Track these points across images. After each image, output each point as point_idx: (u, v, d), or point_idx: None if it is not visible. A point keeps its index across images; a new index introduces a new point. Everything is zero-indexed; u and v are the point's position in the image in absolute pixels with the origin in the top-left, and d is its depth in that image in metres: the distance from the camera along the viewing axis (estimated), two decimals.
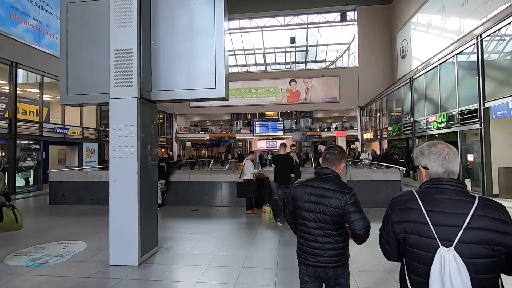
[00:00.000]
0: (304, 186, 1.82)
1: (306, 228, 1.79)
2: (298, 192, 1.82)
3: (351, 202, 1.65)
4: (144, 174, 3.76)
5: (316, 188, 1.76)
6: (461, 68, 10.19)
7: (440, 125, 10.68)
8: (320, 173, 1.82)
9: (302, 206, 1.79)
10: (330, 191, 1.71)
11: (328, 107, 23.57)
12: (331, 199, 1.69)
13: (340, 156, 1.85)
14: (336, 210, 1.67)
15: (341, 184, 1.74)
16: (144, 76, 3.82)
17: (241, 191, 6.35)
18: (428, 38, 16.20)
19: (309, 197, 1.77)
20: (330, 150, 1.87)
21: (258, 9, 23.26)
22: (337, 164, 1.83)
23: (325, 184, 1.75)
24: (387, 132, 16.60)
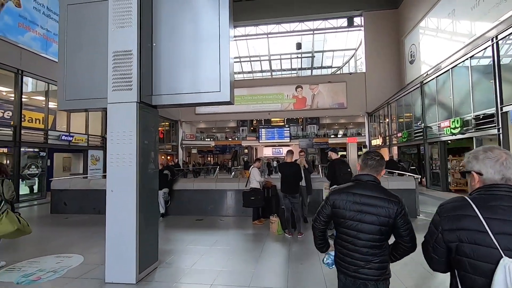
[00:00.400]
0: (346, 193, 1.72)
1: (349, 238, 1.70)
2: (339, 200, 1.72)
3: (404, 213, 1.59)
4: (144, 183, 3.50)
5: (360, 196, 1.67)
6: (476, 71, 9.82)
7: (454, 131, 10.26)
8: (362, 180, 1.73)
9: (345, 214, 1.69)
10: (376, 199, 1.62)
11: (335, 113, 23.22)
12: (379, 208, 1.61)
13: (382, 162, 1.77)
14: (385, 219, 1.59)
15: (387, 192, 1.66)
16: (144, 80, 3.60)
17: (247, 200, 6.04)
18: (438, 42, 15.85)
19: (353, 206, 1.67)
20: (371, 155, 1.78)
21: (264, 16, 23.26)
22: (380, 171, 1.76)
23: (369, 191, 1.66)
24: (396, 138, 16.17)
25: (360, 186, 1.71)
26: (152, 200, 3.74)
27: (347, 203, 1.69)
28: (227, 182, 7.50)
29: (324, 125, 30.06)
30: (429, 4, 16.49)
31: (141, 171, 3.45)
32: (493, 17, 11.40)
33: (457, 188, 11.30)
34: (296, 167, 5.27)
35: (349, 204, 1.69)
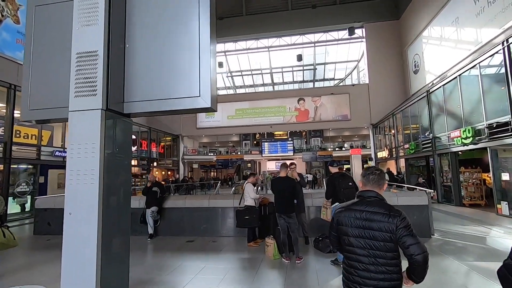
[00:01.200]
0: (348, 210, 1.76)
1: (354, 256, 1.70)
2: (342, 217, 1.77)
3: (403, 225, 1.59)
4: (110, 205, 2.96)
5: (362, 212, 1.70)
6: (486, 78, 9.30)
7: (466, 141, 9.63)
8: (364, 196, 1.77)
9: (348, 232, 1.73)
10: (378, 215, 1.65)
11: (338, 125, 22.71)
12: (380, 223, 1.63)
13: (383, 176, 1.80)
14: (388, 235, 1.61)
15: (388, 207, 1.69)
16: (114, 85, 3.14)
17: (241, 219, 5.46)
18: (443, 51, 15.44)
19: (355, 222, 1.71)
20: (371, 170, 1.82)
21: (265, 29, 23.29)
22: (382, 185, 1.79)
23: (371, 207, 1.70)
24: (403, 150, 15.50)
25: (363, 203, 1.73)
26: (121, 225, 3.19)
27: (350, 219, 1.72)
28: (221, 199, 6.94)
29: (328, 138, 29.52)
30: (431, 13, 16.23)
31: (106, 191, 2.93)
32: (500, 23, 10.99)
33: (471, 203, 10.53)
34: (291, 182, 4.71)
35: (351, 221, 1.71)
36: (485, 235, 6.19)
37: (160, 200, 6.48)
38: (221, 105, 23.88)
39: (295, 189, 4.69)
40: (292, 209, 4.61)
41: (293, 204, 4.65)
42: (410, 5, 19.12)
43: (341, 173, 4.57)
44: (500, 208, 8.30)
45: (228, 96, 26.33)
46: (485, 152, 13.14)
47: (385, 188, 1.81)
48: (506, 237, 6.04)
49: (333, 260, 4.47)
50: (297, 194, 4.72)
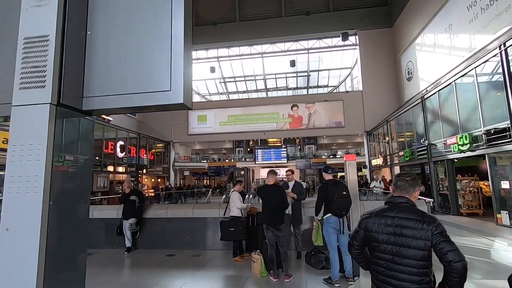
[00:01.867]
0: (378, 216, 1.70)
1: (384, 262, 1.64)
2: (371, 224, 1.71)
3: (439, 231, 1.53)
4: (60, 218, 2.48)
5: (393, 219, 1.64)
6: (483, 83, 9.07)
7: (463, 148, 9.34)
8: (394, 202, 1.72)
9: (379, 238, 1.66)
10: (410, 221, 1.59)
11: (332, 132, 22.46)
12: (414, 229, 1.56)
13: (414, 183, 1.73)
14: (422, 242, 1.53)
15: (422, 213, 1.63)
16: (70, 76, 2.68)
17: (225, 232, 4.97)
18: (436, 58, 15.36)
19: (386, 229, 1.65)
20: (401, 176, 1.77)
21: (258, 35, 23.12)
22: (411, 192, 1.72)
23: (403, 213, 1.63)
24: (398, 157, 15.22)
25: (393, 209, 1.68)
26: (73, 243, 2.70)
27: (379, 226, 1.67)
28: (206, 208, 6.43)
29: (322, 145, 29.24)
30: (424, 20, 16.22)
31: (55, 201, 2.44)
32: (494, 29, 10.88)
33: (469, 212, 10.18)
34: (279, 191, 4.27)
35: (381, 227, 1.66)
36: (489, 248, 5.80)
37: (138, 210, 5.95)
38: (214, 111, 23.49)
39: (283, 199, 4.24)
40: (281, 220, 4.15)
41: (282, 215, 4.19)
42: (403, 12, 19.17)
43: (335, 181, 4.14)
44: (500, 218, 7.95)
45: (220, 102, 25.96)
46: (481, 160, 12.94)
47: (417, 195, 1.73)
48: (511, 250, 5.65)
49: (326, 279, 4.00)
50: (286, 204, 4.26)
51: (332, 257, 3.92)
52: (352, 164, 5.26)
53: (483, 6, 11.62)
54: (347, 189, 4.08)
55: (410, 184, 1.71)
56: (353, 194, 5.13)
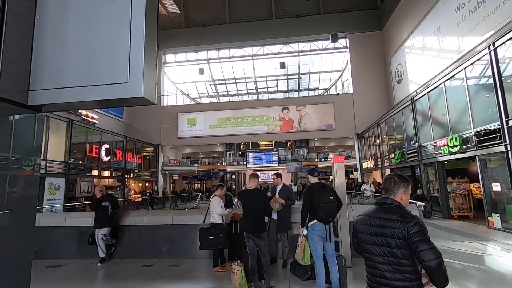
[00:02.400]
0: (365, 218, 1.78)
1: (372, 263, 1.71)
2: (359, 225, 1.80)
3: (415, 231, 1.55)
4: None
5: (376, 219, 1.70)
6: (472, 85, 8.98)
7: (453, 150, 9.21)
8: (380, 202, 1.79)
9: (365, 239, 1.74)
10: (390, 221, 1.64)
11: (323, 135, 22.30)
12: (393, 229, 1.61)
13: (397, 183, 1.76)
14: (400, 241, 1.58)
15: (401, 213, 1.66)
16: (11, 66, 2.32)
17: (205, 240, 4.60)
18: (425, 60, 15.37)
19: (370, 229, 1.71)
20: (386, 178, 1.83)
21: (248, 38, 22.93)
22: (395, 192, 1.75)
23: (386, 214, 1.69)
24: (388, 160, 15.10)
25: (380, 210, 1.73)
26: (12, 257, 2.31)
27: (365, 227, 1.74)
28: (187, 215, 6.05)
29: (314, 148, 29.09)
30: (413, 23, 16.25)
31: None
32: (482, 31, 10.87)
33: (460, 215, 10.04)
34: (260, 195, 3.94)
35: (367, 228, 1.72)
36: (482, 253, 5.58)
37: (111, 217, 5.51)
38: (203, 113, 23.10)
39: (265, 204, 3.91)
40: (262, 228, 3.82)
41: (263, 222, 3.86)
42: (392, 15, 19.24)
43: (322, 184, 3.84)
44: (492, 221, 7.79)
45: (210, 105, 25.57)
46: (471, 162, 12.89)
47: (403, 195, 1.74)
48: (504, 255, 5.44)
49: None
50: (267, 210, 3.94)
51: (317, 267, 3.61)
52: (340, 166, 4.98)
53: (471, 8, 11.63)
54: (334, 193, 3.78)
55: (393, 186, 1.75)
56: (342, 198, 4.85)
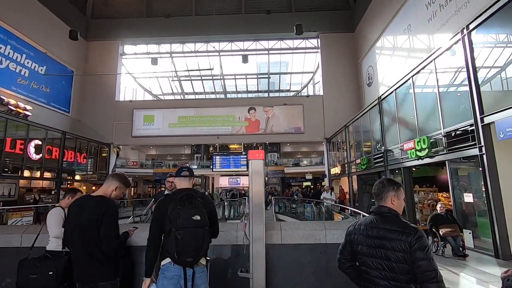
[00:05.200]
0: (360, 227, 1.63)
1: (369, 277, 1.56)
2: (358, 236, 1.61)
3: (418, 246, 1.41)
4: None
5: (374, 229, 1.56)
6: (442, 76, 7.85)
7: (420, 153, 8.00)
8: (377, 211, 1.63)
9: (362, 251, 1.58)
10: (390, 232, 1.50)
11: (291, 138, 20.98)
12: (393, 241, 1.47)
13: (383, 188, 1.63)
14: (401, 254, 1.44)
15: (402, 223, 1.52)
16: None
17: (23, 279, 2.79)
18: (395, 61, 14.49)
19: (367, 240, 1.56)
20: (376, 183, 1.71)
21: (215, 31, 21.30)
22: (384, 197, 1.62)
23: (384, 224, 1.55)
24: (355, 166, 13.91)
25: (376, 219, 1.60)
26: None
27: (360, 237, 1.60)
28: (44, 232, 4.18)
29: (286, 153, 27.87)
30: (384, 22, 15.39)
31: None
32: (453, 27, 9.92)
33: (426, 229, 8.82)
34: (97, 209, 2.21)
35: (363, 239, 1.59)
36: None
37: None
38: (162, 111, 21.06)
39: (108, 228, 2.20)
40: (99, 274, 2.11)
41: (102, 260, 2.14)
42: (364, 16, 18.43)
43: (188, 193, 2.17)
44: (463, 240, 6.54)
45: (170, 102, 23.64)
46: (440, 170, 11.89)
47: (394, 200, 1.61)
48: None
49: None
50: (110, 243, 2.20)
51: None
52: (257, 165, 3.39)
53: (442, 2, 10.74)
54: (208, 210, 2.14)
55: (382, 190, 1.64)
56: (257, 211, 3.31)
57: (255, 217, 3.28)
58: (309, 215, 12.21)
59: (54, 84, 18.36)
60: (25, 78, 16.21)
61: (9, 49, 15.26)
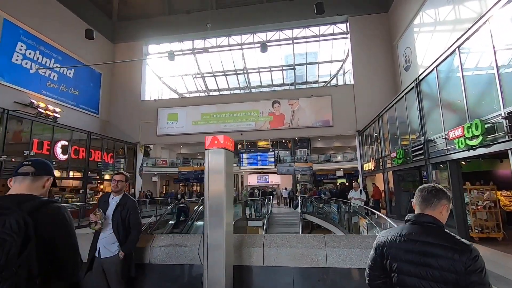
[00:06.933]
0: (399, 239, 1.34)
1: None
2: (388, 248, 1.36)
3: (476, 268, 1.17)
4: None
5: (415, 243, 1.29)
6: (500, 39, 6.09)
7: (472, 142, 6.33)
8: (417, 221, 1.36)
9: (400, 268, 1.30)
10: (437, 248, 1.24)
11: (319, 132, 19.45)
12: (442, 259, 1.22)
13: (437, 194, 1.38)
14: (451, 276, 1.19)
15: (452, 237, 1.27)
16: None
17: None
18: (437, 38, 12.42)
19: (407, 256, 1.29)
20: (424, 187, 1.45)
21: (237, 24, 20.53)
22: (434, 204, 1.37)
23: (428, 237, 1.28)
24: (391, 160, 12.16)
25: (416, 230, 1.33)
26: None
27: (397, 252, 1.33)
28: None
29: (317, 149, 26.30)
30: None
31: None
32: None
33: (482, 236, 7.07)
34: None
35: (400, 254, 1.31)
36: None
37: None
38: (186, 109, 20.83)
39: None
40: None
41: None
42: None
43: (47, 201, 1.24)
44: None
45: (193, 99, 23.31)
46: (498, 163, 9.81)
47: (443, 211, 1.37)
48: None
49: None
50: None
51: None
52: (216, 156, 2.38)
53: None
54: (42, 237, 1.18)
55: (434, 195, 1.38)
56: (216, 222, 2.34)
57: (212, 229, 2.29)
58: (335, 217, 10.85)
59: (83, 87, 18.97)
60: (54, 81, 16.84)
61: (38, 55, 15.90)
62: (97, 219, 2.60)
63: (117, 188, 2.83)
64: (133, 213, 2.76)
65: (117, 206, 2.74)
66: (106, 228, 2.70)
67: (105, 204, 2.82)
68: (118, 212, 2.71)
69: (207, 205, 2.26)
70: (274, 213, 17.26)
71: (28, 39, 15.31)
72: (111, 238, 2.67)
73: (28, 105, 14.87)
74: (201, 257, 2.25)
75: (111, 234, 2.68)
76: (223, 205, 2.25)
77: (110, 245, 2.65)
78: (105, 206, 2.80)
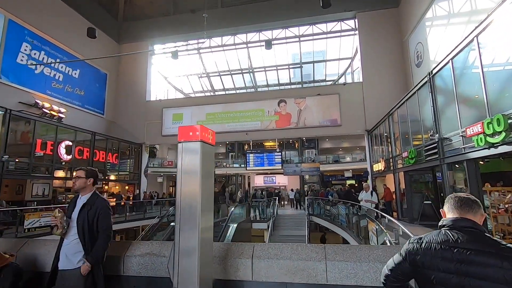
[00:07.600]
0: (435, 246, 1.21)
1: None
2: (423, 256, 1.21)
3: None
4: None
5: (454, 250, 1.16)
6: None
7: (493, 139, 5.77)
8: (456, 226, 1.23)
9: (439, 279, 1.17)
10: (482, 255, 1.11)
11: (326, 132, 18.89)
12: (488, 268, 1.09)
13: (475, 200, 1.28)
14: (501, 287, 1.07)
15: (498, 243, 1.15)
16: None
17: None
18: (451, 32, 11.77)
19: (445, 265, 1.16)
20: (457, 196, 1.31)
21: (243, 22, 20.18)
22: (475, 210, 1.25)
23: (469, 243, 1.16)
24: (402, 160, 11.56)
25: (453, 235, 1.20)
26: None
27: (435, 259, 1.19)
28: None
29: (326, 150, 25.67)
30: None
31: None
32: None
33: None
34: None
35: (438, 262, 1.18)
36: None
37: None
38: (191, 108, 20.60)
39: None
40: None
41: None
42: None
43: None
44: None
45: (198, 99, 23.08)
46: None
47: (481, 218, 1.25)
48: None
49: None
50: None
51: None
52: (191, 148, 1.99)
53: None
54: None
55: (474, 201, 1.26)
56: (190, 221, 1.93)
57: (184, 237, 1.89)
58: (343, 220, 10.31)
59: (89, 87, 18.94)
60: (59, 82, 16.82)
61: (43, 55, 15.90)
62: (57, 222, 2.24)
63: (75, 186, 2.46)
64: (102, 214, 2.38)
65: (83, 206, 2.37)
66: (70, 233, 2.34)
67: (72, 205, 2.47)
68: (84, 213, 2.34)
69: (178, 209, 1.87)
70: (280, 215, 16.78)
71: (33, 40, 15.31)
72: (75, 246, 2.30)
73: (33, 106, 14.85)
74: (171, 272, 1.86)
75: (76, 240, 2.31)
76: (197, 208, 1.85)
77: (72, 254, 2.27)
78: (72, 207, 2.45)
